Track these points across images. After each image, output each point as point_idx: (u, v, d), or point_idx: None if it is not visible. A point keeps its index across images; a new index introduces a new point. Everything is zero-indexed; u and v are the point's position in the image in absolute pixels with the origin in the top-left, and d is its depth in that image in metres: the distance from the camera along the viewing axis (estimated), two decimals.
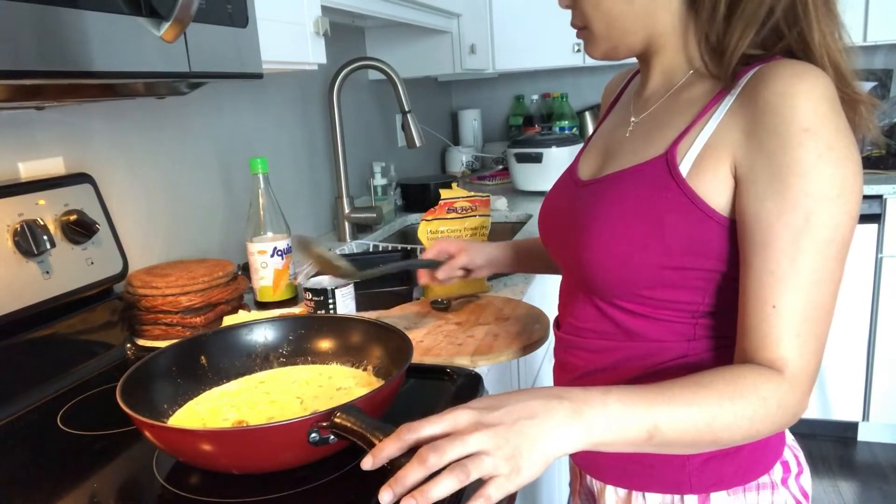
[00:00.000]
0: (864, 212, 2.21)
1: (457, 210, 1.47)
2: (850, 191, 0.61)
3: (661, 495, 0.75)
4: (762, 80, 0.63)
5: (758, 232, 0.63)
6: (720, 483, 0.73)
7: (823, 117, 0.60)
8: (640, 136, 0.75)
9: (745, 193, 0.64)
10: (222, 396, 0.85)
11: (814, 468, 2.35)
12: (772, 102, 0.61)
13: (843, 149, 0.61)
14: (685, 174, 0.67)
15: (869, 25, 2.31)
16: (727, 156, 0.65)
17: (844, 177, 0.61)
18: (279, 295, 1.26)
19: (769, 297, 0.62)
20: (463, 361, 0.96)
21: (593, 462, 0.81)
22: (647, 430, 0.58)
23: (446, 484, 0.52)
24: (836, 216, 0.61)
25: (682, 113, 0.71)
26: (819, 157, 0.60)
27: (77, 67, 0.66)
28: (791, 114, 0.60)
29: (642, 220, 0.68)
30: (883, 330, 2.29)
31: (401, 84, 1.69)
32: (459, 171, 2.93)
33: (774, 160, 0.61)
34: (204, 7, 0.81)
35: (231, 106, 1.52)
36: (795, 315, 0.61)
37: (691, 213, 0.66)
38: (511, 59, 2.62)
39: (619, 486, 0.78)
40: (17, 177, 1.01)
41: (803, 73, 0.61)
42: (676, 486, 0.74)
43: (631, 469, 0.76)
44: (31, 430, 0.87)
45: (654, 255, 0.68)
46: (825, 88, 0.61)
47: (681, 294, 0.70)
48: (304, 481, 0.69)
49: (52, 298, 0.95)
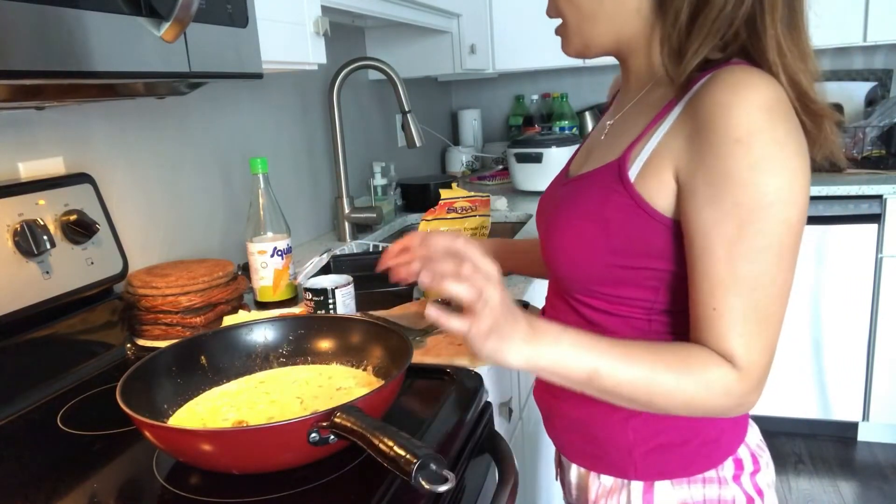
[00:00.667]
0: (864, 212, 2.21)
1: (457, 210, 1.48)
2: (785, 199, 0.62)
3: (612, 478, 0.79)
4: (707, 89, 0.65)
5: (696, 239, 0.65)
6: (664, 473, 0.76)
7: (757, 128, 0.61)
8: (610, 139, 0.78)
9: (686, 201, 0.66)
10: (222, 396, 0.85)
11: (814, 468, 2.35)
12: (709, 112, 0.63)
13: (777, 158, 0.61)
14: (633, 178, 0.69)
15: (869, 25, 2.31)
16: (670, 162, 0.67)
17: (779, 186, 0.61)
18: (279, 295, 1.26)
19: (709, 300, 0.65)
20: (463, 361, 0.96)
21: (561, 441, 0.86)
22: (587, 373, 0.65)
23: (458, 289, 0.61)
24: (772, 224, 0.62)
25: (638, 118, 0.73)
26: (750, 168, 0.61)
27: (77, 67, 0.67)
28: (725, 124, 0.62)
29: (591, 220, 0.72)
30: (883, 330, 2.29)
31: (401, 84, 1.69)
32: (459, 171, 2.93)
33: (710, 170, 0.63)
34: (204, 7, 0.81)
35: (231, 106, 1.52)
36: (736, 317, 0.64)
37: (636, 216, 0.69)
38: (511, 59, 2.62)
39: (580, 466, 0.84)
40: (17, 177, 1.01)
41: (745, 81, 0.62)
42: (623, 471, 0.78)
43: (586, 450, 0.81)
44: (31, 430, 0.87)
45: (601, 253, 0.72)
46: (765, 98, 0.62)
47: (633, 291, 0.73)
48: (304, 481, 0.69)
49: (52, 298, 0.95)
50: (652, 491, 0.76)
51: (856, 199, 2.20)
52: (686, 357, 0.66)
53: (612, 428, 0.77)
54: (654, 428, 0.75)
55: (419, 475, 0.57)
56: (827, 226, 2.25)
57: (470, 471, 0.83)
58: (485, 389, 0.92)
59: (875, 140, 2.39)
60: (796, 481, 2.27)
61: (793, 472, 2.32)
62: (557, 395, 0.81)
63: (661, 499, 0.76)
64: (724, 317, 0.64)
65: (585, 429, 0.80)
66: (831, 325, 2.34)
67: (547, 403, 0.87)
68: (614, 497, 0.79)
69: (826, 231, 2.26)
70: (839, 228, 2.25)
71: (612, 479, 0.79)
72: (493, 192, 2.37)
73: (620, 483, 0.78)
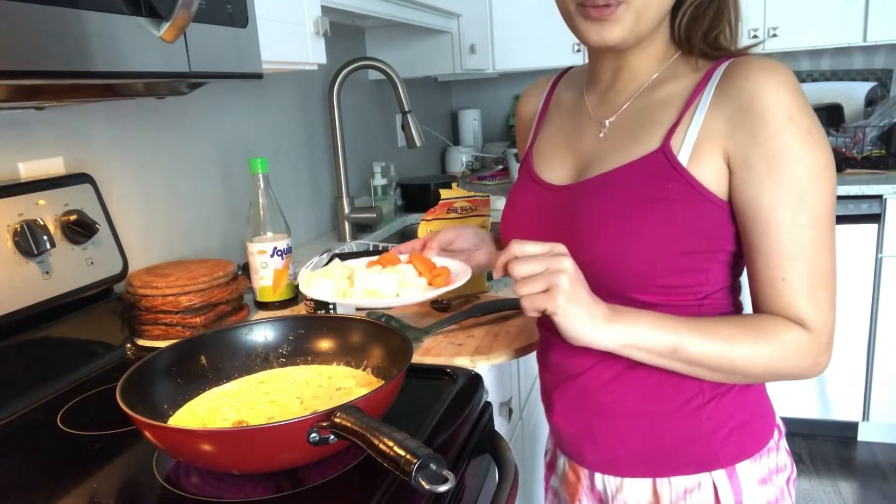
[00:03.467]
0: (864, 212, 2.21)
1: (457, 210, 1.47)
2: (829, 169, 0.69)
3: (686, 477, 0.77)
4: (740, 75, 0.70)
5: (760, 213, 0.69)
6: (744, 452, 0.78)
7: (798, 105, 0.68)
8: (622, 135, 0.77)
9: (742, 180, 0.70)
10: (222, 396, 0.85)
11: (814, 468, 2.35)
12: (756, 94, 0.68)
13: (817, 132, 0.68)
14: (685, 164, 0.71)
15: (869, 25, 2.30)
16: (719, 145, 0.70)
17: (825, 157, 0.68)
18: (279, 295, 1.26)
19: (777, 272, 0.69)
20: (463, 361, 0.96)
21: (608, 461, 0.81)
22: (672, 345, 0.68)
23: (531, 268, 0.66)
24: (823, 192, 0.68)
25: (664, 109, 0.75)
26: (803, 142, 0.67)
27: (77, 67, 0.66)
28: (776, 104, 0.67)
29: (653, 210, 0.71)
30: (883, 330, 2.29)
31: (401, 84, 1.69)
32: (459, 171, 2.93)
33: (766, 148, 0.68)
34: (204, 7, 0.81)
35: (231, 106, 1.52)
36: (803, 283, 0.69)
37: (693, 199, 0.71)
38: (511, 59, 2.62)
39: (642, 477, 0.80)
40: (17, 177, 1.01)
41: (771, 65, 0.69)
42: (703, 463, 0.77)
43: (652, 456, 0.78)
44: (31, 430, 0.87)
45: (669, 242, 0.72)
46: (792, 78, 0.68)
47: (686, 277, 0.74)
48: (304, 481, 0.69)
49: (51, 298, 0.95)
50: (735, 474, 0.77)
51: (856, 199, 2.20)
52: (759, 325, 0.70)
53: (684, 423, 0.76)
54: (726, 411, 0.77)
55: (419, 475, 0.57)
56: None
57: (470, 471, 0.83)
58: (485, 389, 0.92)
59: (875, 140, 2.39)
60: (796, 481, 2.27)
61: None
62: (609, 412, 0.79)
63: (746, 478, 0.77)
64: (792, 285, 0.69)
65: (650, 433, 0.77)
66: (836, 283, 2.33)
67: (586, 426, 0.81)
68: (695, 494, 0.77)
69: None
70: (839, 228, 2.21)
71: (687, 477, 0.77)
72: (493, 192, 2.37)
73: (697, 480, 0.77)
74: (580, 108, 0.85)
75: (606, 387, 0.78)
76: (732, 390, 0.77)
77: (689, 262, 0.72)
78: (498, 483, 0.86)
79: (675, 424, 0.77)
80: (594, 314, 0.67)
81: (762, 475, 0.78)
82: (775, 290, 0.70)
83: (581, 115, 0.84)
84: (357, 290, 0.85)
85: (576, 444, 0.84)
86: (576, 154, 0.82)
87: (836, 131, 2.42)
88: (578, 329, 0.67)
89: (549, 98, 0.92)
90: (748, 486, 0.77)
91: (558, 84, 0.93)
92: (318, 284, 0.87)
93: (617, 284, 0.74)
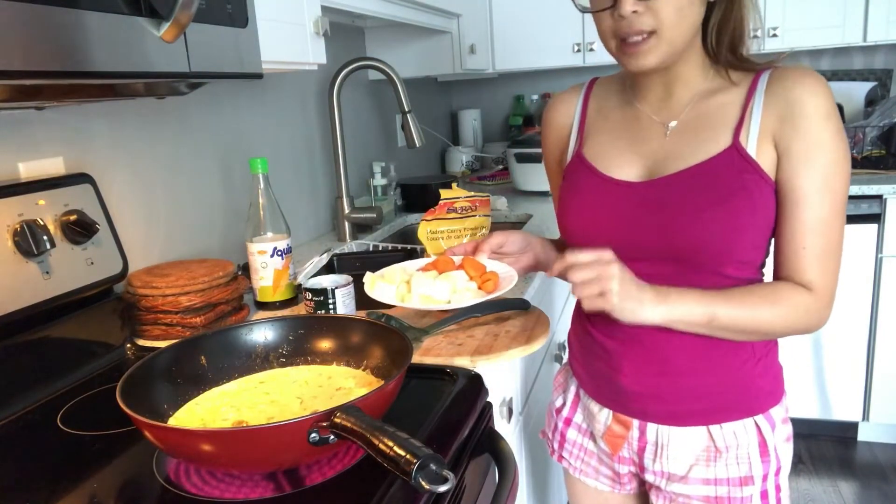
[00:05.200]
0: (864, 212, 2.21)
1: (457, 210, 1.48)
2: (848, 161, 0.85)
3: (734, 423, 0.93)
4: (786, 81, 0.86)
5: (794, 191, 0.85)
6: (775, 399, 0.96)
7: (833, 107, 0.84)
8: (689, 137, 0.90)
9: (785, 164, 0.85)
10: (222, 396, 0.85)
11: (814, 468, 2.35)
12: (800, 96, 0.84)
13: (842, 130, 0.85)
14: (755, 157, 0.86)
15: (869, 25, 2.30)
16: (770, 136, 0.86)
17: (846, 151, 0.85)
18: (279, 295, 1.26)
19: (801, 240, 0.85)
20: (463, 361, 0.96)
21: (669, 413, 0.95)
22: (707, 316, 0.84)
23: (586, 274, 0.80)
24: (842, 178, 0.84)
25: (725, 113, 0.89)
26: (832, 137, 0.83)
27: (77, 67, 0.67)
28: (816, 105, 0.83)
29: (738, 199, 0.85)
30: (883, 330, 2.29)
31: (401, 84, 1.69)
32: (459, 171, 2.93)
33: (806, 139, 0.83)
34: (204, 7, 0.81)
35: (231, 106, 1.52)
36: (818, 251, 0.85)
37: (766, 186, 0.86)
38: (511, 59, 2.62)
39: (698, 425, 0.94)
40: (17, 177, 1.01)
41: (813, 74, 0.85)
42: (751, 410, 0.94)
43: (710, 408, 0.93)
44: (31, 430, 0.87)
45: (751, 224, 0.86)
46: (827, 85, 0.85)
47: (759, 252, 0.90)
48: (304, 481, 0.69)
49: (52, 298, 0.95)
50: (770, 415, 0.94)
51: (856, 199, 2.20)
52: (775, 291, 0.86)
53: (740, 380, 0.93)
54: (768, 368, 0.95)
55: (419, 475, 0.57)
56: None
57: (470, 471, 0.83)
58: (485, 389, 0.92)
59: (875, 140, 2.39)
60: (796, 481, 2.27)
61: (793, 472, 2.31)
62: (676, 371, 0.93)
63: (777, 418, 0.95)
64: (809, 252, 0.85)
65: (713, 392, 0.93)
66: (831, 325, 2.32)
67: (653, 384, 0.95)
68: (743, 435, 0.93)
69: None
70: None
71: (735, 423, 0.93)
72: (493, 192, 2.37)
73: (742, 424, 0.93)
74: (636, 114, 0.96)
75: (676, 352, 0.92)
76: (773, 351, 0.96)
77: (760, 240, 0.88)
78: (498, 483, 0.86)
79: (732, 382, 0.93)
80: (643, 300, 0.82)
81: (783, 416, 0.96)
82: (795, 256, 0.86)
83: (640, 121, 0.95)
84: (414, 296, 0.97)
85: (641, 402, 0.97)
86: (642, 154, 0.93)
87: None
88: (631, 316, 0.82)
89: (585, 107, 1.03)
90: (778, 423, 0.95)
91: (591, 94, 1.03)
92: (380, 288, 1.00)
93: (708, 263, 0.88)
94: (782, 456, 0.95)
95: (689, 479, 0.96)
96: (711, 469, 0.94)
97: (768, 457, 0.94)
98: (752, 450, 0.93)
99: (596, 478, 1.08)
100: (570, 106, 1.04)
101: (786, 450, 0.96)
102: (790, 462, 0.98)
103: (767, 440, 0.93)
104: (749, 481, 0.93)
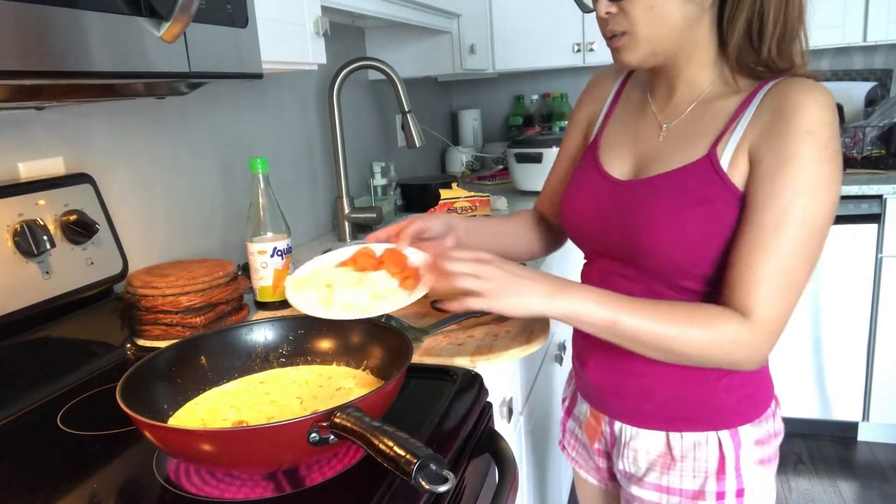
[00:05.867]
0: (864, 212, 2.21)
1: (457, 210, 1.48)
2: (831, 186, 0.76)
3: (697, 433, 0.90)
4: (782, 94, 0.78)
5: (754, 206, 0.77)
6: (746, 418, 0.90)
7: (826, 124, 0.75)
8: (676, 141, 0.87)
9: (752, 176, 0.78)
10: (222, 396, 0.85)
11: (814, 468, 2.35)
12: (787, 110, 0.76)
13: (832, 153, 0.75)
14: (726, 169, 0.80)
15: (869, 25, 2.30)
16: (747, 147, 0.79)
17: (830, 174, 0.75)
18: (279, 295, 1.26)
19: (752, 261, 0.76)
20: (463, 361, 0.96)
21: (629, 412, 0.94)
22: (610, 320, 0.77)
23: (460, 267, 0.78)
24: (817, 203, 0.75)
25: (713, 121, 0.84)
26: (813, 154, 0.74)
27: (77, 67, 0.66)
28: (801, 116, 0.75)
29: (697, 211, 0.81)
30: (883, 330, 2.29)
31: (401, 84, 1.69)
32: (459, 171, 2.93)
33: (780, 151, 0.76)
34: (204, 7, 0.81)
35: (231, 106, 1.52)
36: (770, 278, 0.75)
37: (731, 198, 0.80)
38: (511, 59, 2.62)
39: (656, 430, 0.92)
40: (17, 177, 1.01)
41: (812, 87, 0.76)
42: (714, 424, 0.89)
43: (671, 415, 0.91)
44: (31, 430, 0.87)
45: (711, 238, 0.81)
46: (829, 101, 0.76)
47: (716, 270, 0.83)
48: (304, 481, 0.69)
49: (52, 298, 0.95)
50: (738, 434, 0.89)
51: (856, 199, 2.20)
52: (699, 311, 0.78)
53: (703, 391, 0.89)
54: (738, 384, 0.89)
55: (419, 475, 0.57)
56: None
57: (470, 471, 0.83)
58: (485, 389, 0.92)
59: (875, 140, 2.39)
60: (796, 481, 2.27)
61: (793, 472, 2.32)
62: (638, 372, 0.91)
63: (746, 439, 0.89)
64: (757, 275, 0.75)
65: (672, 397, 0.90)
66: (831, 325, 2.33)
67: (615, 380, 0.94)
68: (703, 448, 0.89)
69: None
70: (839, 228, 2.25)
71: (697, 434, 0.90)
72: (493, 192, 2.37)
73: (705, 436, 0.89)
74: (645, 109, 0.94)
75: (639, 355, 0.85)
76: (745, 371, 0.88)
77: (718, 255, 0.81)
78: (498, 483, 0.86)
79: (695, 392, 0.89)
80: (535, 293, 0.77)
81: (759, 437, 0.90)
82: (740, 276, 0.77)
83: (645, 116, 0.93)
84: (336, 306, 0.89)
85: (603, 397, 0.97)
86: (636, 152, 0.92)
87: None
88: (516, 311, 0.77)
89: (620, 91, 1.00)
90: (746, 444, 0.89)
91: (627, 82, 1.00)
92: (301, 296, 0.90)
93: (666, 273, 0.85)
94: (749, 479, 0.89)
95: (644, 482, 0.94)
96: (665, 477, 0.92)
97: (725, 476, 0.89)
98: (711, 465, 0.89)
99: (587, 470, 1.10)
100: (610, 85, 1.02)
101: (757, 473, 0.90)
102: (766, 487, 0.92)
103: (727, 459, 0.89)
104: (701, 496, 0.90)
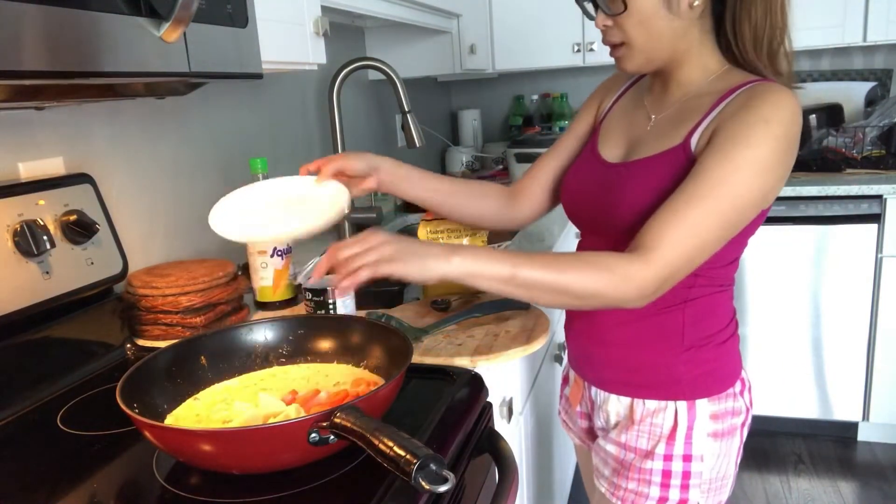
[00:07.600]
0: (864, 212, 2.21)
1: None
2: (773, 173, 0.82)
3: (657, 401, 0.96)
4: (753, 92, 0.84)
5: (697, 169, 0.82)
6: (705, 392, 0.95)
7: (782, 118, 0.81)
8: (660, 131, 0.93)
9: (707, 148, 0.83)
10: (226, 391, 0.84)
11: (814, 468, 2.35)
12: (752, 102, 0.83)
13: (785, 144, 0.81)
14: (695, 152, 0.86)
15: (869, 25, 2.30)
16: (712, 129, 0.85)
17: (776, 161, 0.81)
18: (279, 295, 1.26)
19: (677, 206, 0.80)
20: (463, 361, 0.96)
21: (600, 378, 1.02)
22: (509, 273, 0.79)
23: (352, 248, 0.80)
24: (754, 184, 0.81)
25: (691, 115, 0.90)
26: (763, 140, 0.80)
27: (77, 67, 0.67)
28: (762, 107, 0.81)
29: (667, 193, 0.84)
30: (883, 330, 2.29)
31: (401, 84, 1.69)
32: (459, 171, 2.93)
33: (735, 130, 0.81)
34: (204, 7, 0.81)
35: (231, 106, 1.52)
36: (685, 225, 0.80)
37: None
38: (511, 59, 2.62)
39: (621, 395, 1.00)
40: (17, 177, 1.01)
41: (781, 91, 0.83)
42: (671, 394, 0.95)
43: (632, 382, 0.98)
44: (31, 430, 0.87)
45: None
46: (794, 104, 0.82)
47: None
48: (304, 481, 0.69)
49: (51, 298, 0.95)
50: (694, 407, 0.95)
51: (856, 199, 2.20)
52: (593, 256, 0.82)
53: (663, 364, 0.95)
54: (698, 360, 0.95)
55: (419, 475, 0.57)
56: (827, 226, 2.25)
57: (470, 471, 0.83)
58: (485, 389, 0.92)
59: (875, 140, 2.38)
60: (796, 481, 2.27)
61: (793, 472, 2.32)
62: (607, 342, 0.99)
63: (701, 412, 0.95)
64: (677, 217, 0.80)
65: (635, 367, 0.97)
66: (831, 325, 2.33)
67: (588, 349, 1.03)
68: (660, 414, 0.96)
69: (826, 231, 2.26)
70: (839, 228, 2.25)
71: (657, 402, 0.96)
72: None
73: (664, 404, 0.96)
74: (640, 102, 1.01)
75: (613, 325, 0.97)
76: (709, 345, 0.95)
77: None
78: (498, 483, 0.86)
79: (656, 364, 0.96)
80: (430, 254, 0.79)
81: (715, 411, 0.95)
82: (661, 215, 0.81)
83: (640, 107, 1.00)
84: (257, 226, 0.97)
85: (579, 362, 1.07)
86: (628, 138, 0.98)
87: (836, 131, 2.42)
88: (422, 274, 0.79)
89: (630, 86, 1.07)
90: (702, 416, 0.95)
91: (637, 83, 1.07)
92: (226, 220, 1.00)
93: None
94: (699, 447, 0.95)
95: (608, 437, 1.02)
96: (625, 435, 0.99)
97: (675, 441, 0.95)
98: (665, 430, 0.96)
99: (574, 432, 1.17)
100: (619, 85, 1.09)
101: (708, 444, 0.95)
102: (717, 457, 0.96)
103: (679, 426, 0.95)
104: (650, 456, 0.96)
